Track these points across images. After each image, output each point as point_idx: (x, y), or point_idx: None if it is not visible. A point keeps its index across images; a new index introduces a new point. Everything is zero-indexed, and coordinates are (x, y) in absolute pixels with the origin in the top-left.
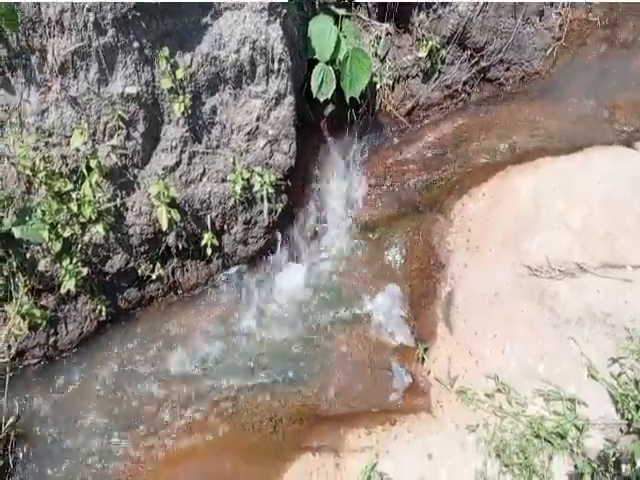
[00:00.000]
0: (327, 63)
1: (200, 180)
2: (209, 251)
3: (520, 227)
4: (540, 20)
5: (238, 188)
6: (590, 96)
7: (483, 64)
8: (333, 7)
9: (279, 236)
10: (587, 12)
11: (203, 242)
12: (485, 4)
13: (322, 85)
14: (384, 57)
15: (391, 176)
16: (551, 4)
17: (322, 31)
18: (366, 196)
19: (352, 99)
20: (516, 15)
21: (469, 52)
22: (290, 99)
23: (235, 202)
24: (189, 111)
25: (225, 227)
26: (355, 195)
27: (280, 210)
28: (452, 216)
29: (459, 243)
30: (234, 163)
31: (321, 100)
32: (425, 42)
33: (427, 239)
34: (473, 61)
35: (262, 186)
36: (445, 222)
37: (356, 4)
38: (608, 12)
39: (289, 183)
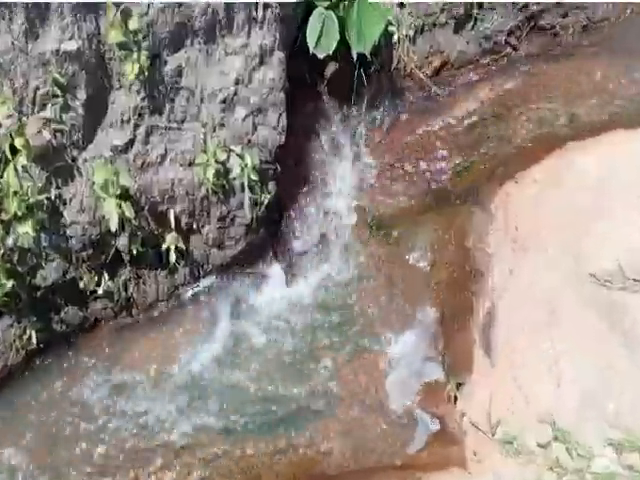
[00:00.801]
0: (328, 8)
1: (161, 164)
2: (173, 257)
3: (584, 222)
4: None
5: (210, 174)
6: None
7: (533, 8)
8: None
9: (265, 237)
10: None
11: (165, 245)
12: None
13: (321, 37)
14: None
15: (413, 157)
16: None
17: None
18: (380, 183)
19: (361, 56)
20: None
21: None
22: (279, 56)
23: (207, 192)
24: (146, 73)
25: (194, 225)
26: (366, 182)
27: (266, 202)
28: (493, 209)
29: (503, 244)
30: (205, 141)
31: (320, 57)
32: None
33: (461, 239)
34: (520, 4)
35: (242, 171)
36: (484, 217)
37: None
38: None
39: (278, 167)
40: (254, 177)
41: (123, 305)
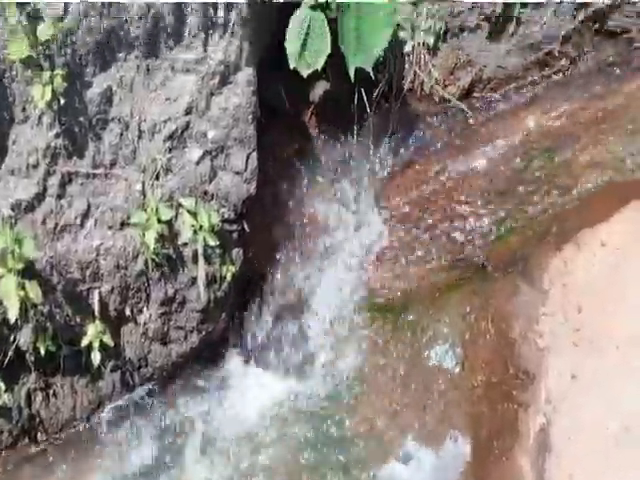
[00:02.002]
0: (315, 7)
1: (81, 226)
2: (97, 358)
3: None
4: None
5: (151, 239)
6: None
7: (599, 4)
8: None
9: (228, 326)
10: None
11: (86, 341)
12: None
13: (306, 48)
14: None
15: (435, 212)
16: None
17: None
18: (391, 250)
19: (362, 72)
20: None
21: None
22: (247, 74)
23: (145, 265)
24: (61, 100)
25: (127, 312)
26: (371, 248)
27: (230, 278)
28: (546, 284)
29: (561, 334)
30: (144, 193)
31: (305, 75)
32: None
33: (501, 328)
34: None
35: (195, 234)
36: (534, 295)
37: None
38: None
39: (246, 227)
40: (212, 242)
41: (25, 427)
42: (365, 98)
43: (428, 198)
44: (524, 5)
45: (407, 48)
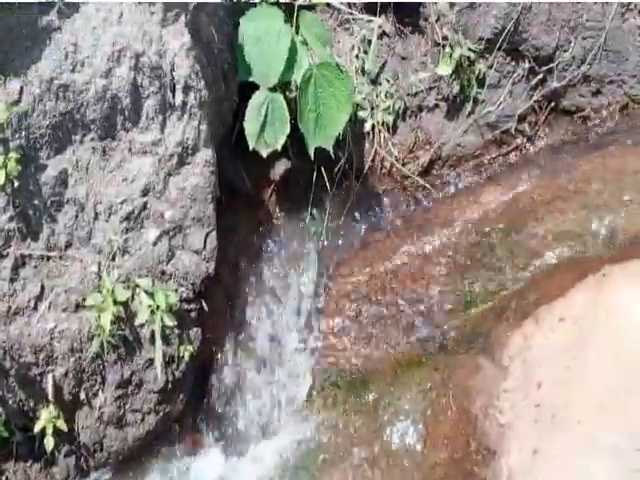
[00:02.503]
0: (274, 89)
1: (35, 309)
2: (50, 444)
3: (634, 378)
4: None
5: (107, 321)
6: None
7: (553, 85)
8: None
9: (187, 407)
10: None
11: (39, 427)
12: None
13: (265, 129)
14: (378, 76)
15: (394, 288)
16: None
17: (265, 34)
18: (350, 327)
19: (321, 151)
20: None
21: (527, 64)
22: (205, 155)
23: (101, 347)
24: (15, 183)
25: (82, 396)
26: (330, 325)
27: (188, 357)
28: (506, 360)
29: (521, 410)
30: (100, 275)
31: (264, 155)
32: (450, 49)
33: (463, 404)
34: (535, 80)
35: (153, 314)
36: (494, 371)
37: None
38: None
39: (205, 306)
40: (170, 322)
41: None
42: (325, 177)
43: (387, 276)
44: (481, 84)
45: (367, 127)
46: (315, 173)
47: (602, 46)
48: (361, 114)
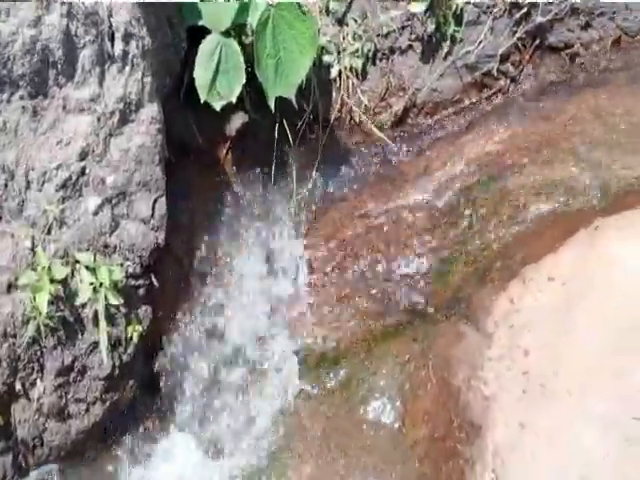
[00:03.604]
0: (227, 34)
1: None
2: None
3: (630, 341)
4: None
5: (44, 301)
6: None
7: (538, 19)
8: None
9: (139, 394)
10: None
11: None
12: None
13: (217, 78)
14: (344, 15)
15: (368, 254)
16: None
17: None
18: (319, 297)
19: (282, 101)
20: None
21: None
22: (151, 111)
23: (38, 331)
24: None
25: (18, 387)
26: (297, 297)
27: (137, 339)
28: (491, 326)
29: (508, 380)
30: (34, 250)
31: (218, 108)
32: None
33: (444, 376)
34: (518, 14)
35: (95, 293)
36: (478, 339)
37: None
38: None
39: (155, 281)
40: (115, 301)
41: None
42: (288, 131)
43: (359, 238)
44: (459, 22)
45: (333, 73)
46: (277, 126)
47: None
48: (326, 59)
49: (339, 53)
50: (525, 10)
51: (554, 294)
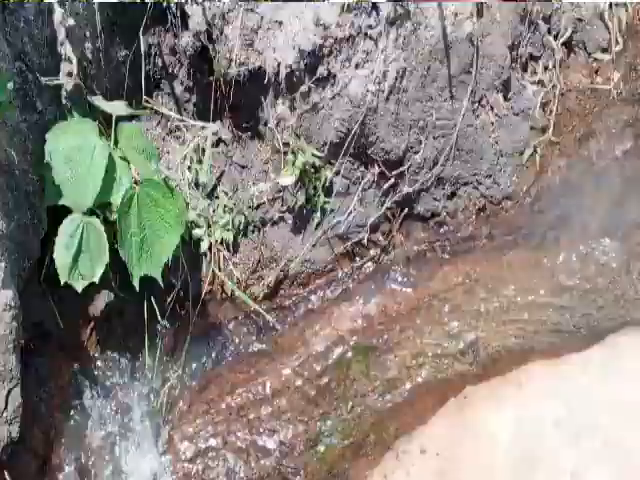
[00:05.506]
0: (90, 213)
1: None
2: None
3: None
4: (506, 98)
5: None
6: (614, 236)
7: (405, 190)
8: (98, 101)
9: None
10: (592, 74)
11: None
12: (401, 77)
13: (79, 259)
14: (214, 188)
15: (239, 425)
16: (525, 64)
17: (76, 151)
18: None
19: (150, 278)
20: (457, 93)
21: (377, 169)
22: (6, 297)
23: None
24: None
25: None
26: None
27: None
28: None
29: None
30: None
31: (79, 289)
32: (292, 156)
33: None
34: (386, 185)
35: None
36: None
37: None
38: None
39: (8, 478)
40: None
41: None
42: (156, 308)
43: (232, 413)
44: (328, 192)
45: (204, 247)
46: (145, 304)
47: (455, 145)
48: (197, 232)
49: (209, 226)
50: (392, 181)
51: (426, 468)
